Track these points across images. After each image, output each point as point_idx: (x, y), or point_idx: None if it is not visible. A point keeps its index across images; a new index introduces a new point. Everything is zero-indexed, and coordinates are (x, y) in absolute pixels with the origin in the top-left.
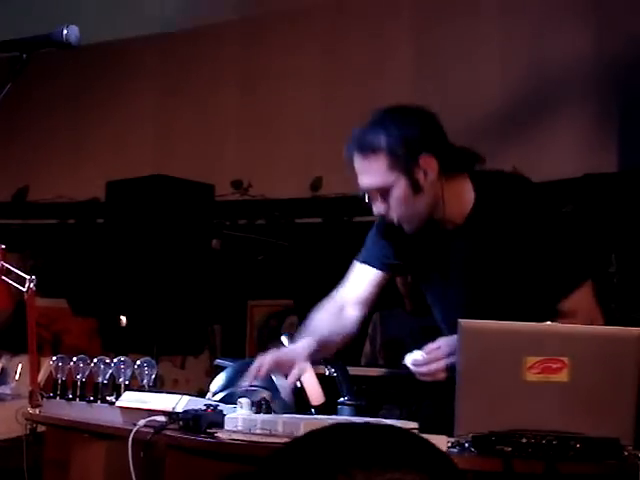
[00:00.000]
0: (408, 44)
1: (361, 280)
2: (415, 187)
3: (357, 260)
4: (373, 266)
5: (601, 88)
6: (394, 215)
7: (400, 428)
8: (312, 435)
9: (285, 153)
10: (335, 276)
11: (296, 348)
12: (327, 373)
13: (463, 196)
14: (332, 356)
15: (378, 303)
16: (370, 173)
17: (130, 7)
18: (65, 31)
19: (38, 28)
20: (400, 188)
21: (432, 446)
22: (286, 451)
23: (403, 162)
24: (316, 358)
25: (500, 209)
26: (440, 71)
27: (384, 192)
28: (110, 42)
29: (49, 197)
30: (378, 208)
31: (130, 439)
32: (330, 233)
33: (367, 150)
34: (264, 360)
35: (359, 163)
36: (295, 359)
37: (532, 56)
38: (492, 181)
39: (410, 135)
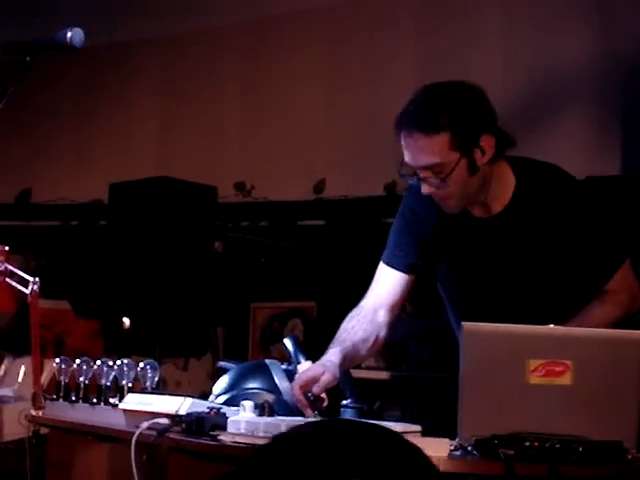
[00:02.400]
0: (410, 46)
1: (390, 284)
2: (472, 167)
3: (383, 261)
4: (399, 269)
5: (604, 90)
6: (444, 194)
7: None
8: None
9: (288, 155)
10: (339, 278)
11: (324, 363)
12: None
13: (505, 180)
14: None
15: None
16: (429, 152)
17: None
18: (69, 34)
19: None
20: (459, 168)
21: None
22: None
23: (465, 141)
24: (346, 367)
25: (541, 195)
26: (442, 73)
27: (440, 172)
28: (113, 44)
29: (52, 199)
30: (428, 189)
31: (133, 442)
32: (333, 235)
33: (430, 128)
34: (298, 389)
35: (418, 140)
36: (323, 374)
37: (534, 58)
38: (529, 166)
39: (473, 114)
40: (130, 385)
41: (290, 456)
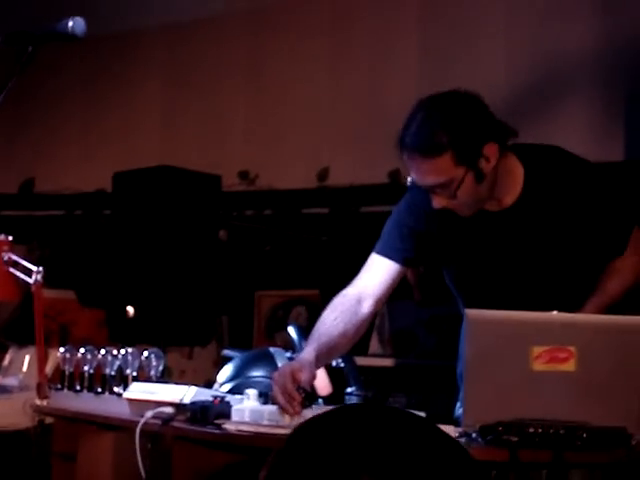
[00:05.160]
0: (414, 32)
1: (381, 274)
2: (479, 176)
3: (376, 252)
4: (392, 259)
5: (607, 77)
6: (457, 205)
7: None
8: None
9: (292, 143)
10: (343, 266)
11: (300, 361)
12: (335, 364)
13: (513, 171)
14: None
15: None
16: (435, 172)
17: None
18: (71, 23)
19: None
20: (467, 180)
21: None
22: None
23: (469, 155)
24: (322, 364)
25: (550, 180)
26: (446, 60)
27: (447, 187)
28: (116, 33)
29: (56, 188)
30: (440, 202)
31: (138, 430)
32: (337, 223)
33: (431, 151)
34: (280, 390)
35: (421, 164)
36: (301, 371)
37: (537, 45)
38: (534, 153)
39: (471, 127)
40: (135, 374)
41: (313, 444)
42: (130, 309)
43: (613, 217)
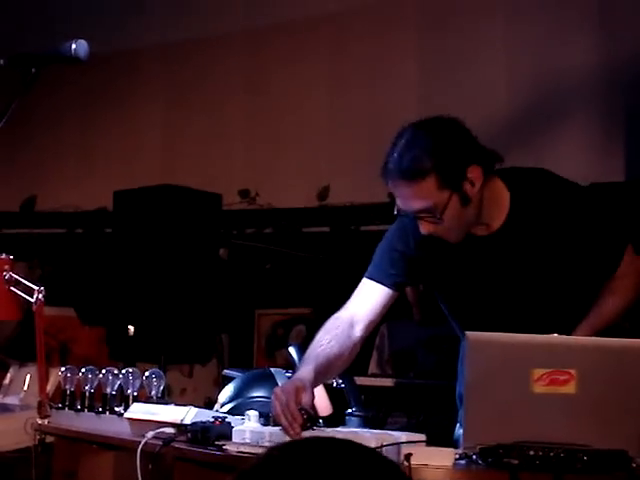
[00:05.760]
0: (414, 51)
1: (372, 298)
2: (464, 200)
3: (367, 276)
4: (383, 284)
5: (608, 96)
6: (444, 231)
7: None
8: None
9: (292, 162)
10: (343, 285)
11: (302, 379)
12: (335, 384)
13: (499, 196)
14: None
15: (386, 314)
16: (419, 197)
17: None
18: (74, 45)
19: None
20: (452, 204)
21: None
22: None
23: (452, 179)
24: (318, 384)
25: (536, 203)
26: (445, 78)
27: (433, 212)
28: (117, 53)
29: (57, 206)
30: (427, 228)
31: (139, 451)
32: (337, 242)
33: (414, 176)
34: (281, 409)
35: (405, 189)
36: (304, 390)
37: (538, 63)
38: (520, 176)
39: (454, 151)
40: (135, 394)
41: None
42: (131, 327)
43: (603, 237)
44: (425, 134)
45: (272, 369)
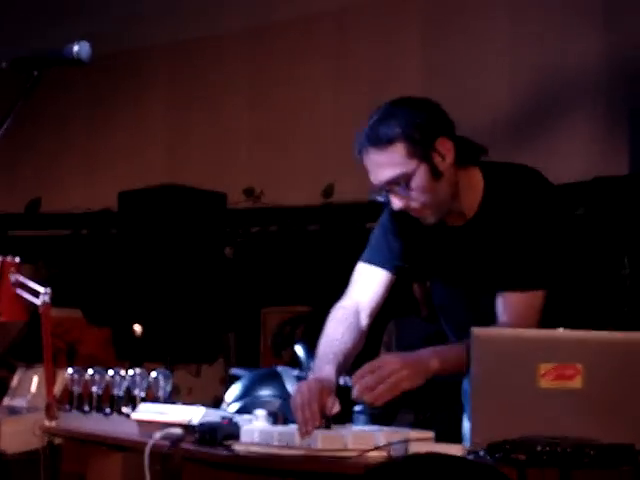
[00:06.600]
0: (417, 50)
1: (374, 284)
2: (435, 172)
3: (364, 261)
4: (384, 268)
5: (610, 91)
6: (416, 205)
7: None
8: None
9: (296, 160)
10: (346, 282)
11: (328, 383)
12: (342, 382)
13: (475, 186)
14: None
15: (393, 310)
16: (389, 165)
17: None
18: (76, 47)
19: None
20: (421, 174)
21: None
22: None
23: (421, 147)
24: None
25: (507, 199)
26: (449, 76)
27: (404, 183)
28: (121, 52)
29: (62, 208)
30: (398, 202)
31: (147, 452)
32: (342, 240)
33: (383, 142)
34: (301, 407)
35: (375, 157)
36: (329, 394)
37: (540, 61)
38: (500, 170)
39: (423, 120)
40: (143, 395)
41: None
42: (137, 327)
43: (530, 255)
44: (396, 107)
45: (279, 367)
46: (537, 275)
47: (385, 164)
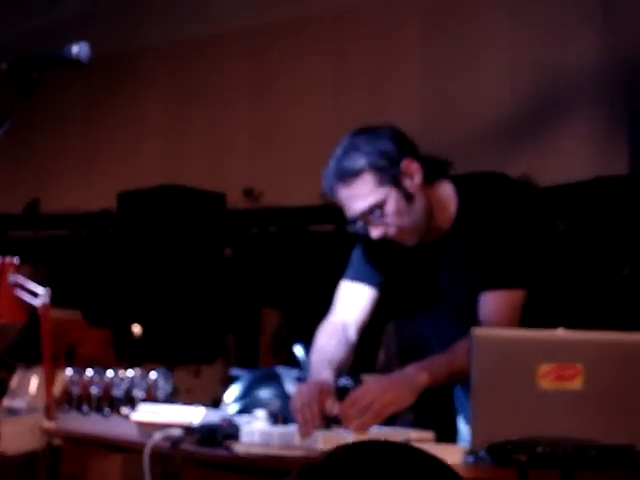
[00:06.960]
0: (416, 49)
1: (360, 302)
2: (406, 195)
3: (347, 279)
4: (369, 284)
5: (610, 91)
6: (394, 231)
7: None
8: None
9: (296, 161)
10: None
11: (327, 386)
12: (342, 383)
13: (448, 199)
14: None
15: (393, 311)
16: (360, 197)
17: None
18: (75, 49)
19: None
20: (393, 200)
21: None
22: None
23: (388, 173)
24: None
25: (481, 208)
26: (449, 77)
27: (378, 211)
28: (120, 53)
29: (61, 209)
30: (376, 231)
31: (146, 452)
32: (342, 240)
33: (350, 176)
34: (301, 409)
35: (345, 192)
36: (329, 397)
37: (541, 60)
38: (472, 183)
39: (386, 146)
40: (142, 395)
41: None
42: (136, 328)
43: (508, 248)
44: (358, 139)
45: (279, 368)
46: (515, 273)
47: (356, 196)
